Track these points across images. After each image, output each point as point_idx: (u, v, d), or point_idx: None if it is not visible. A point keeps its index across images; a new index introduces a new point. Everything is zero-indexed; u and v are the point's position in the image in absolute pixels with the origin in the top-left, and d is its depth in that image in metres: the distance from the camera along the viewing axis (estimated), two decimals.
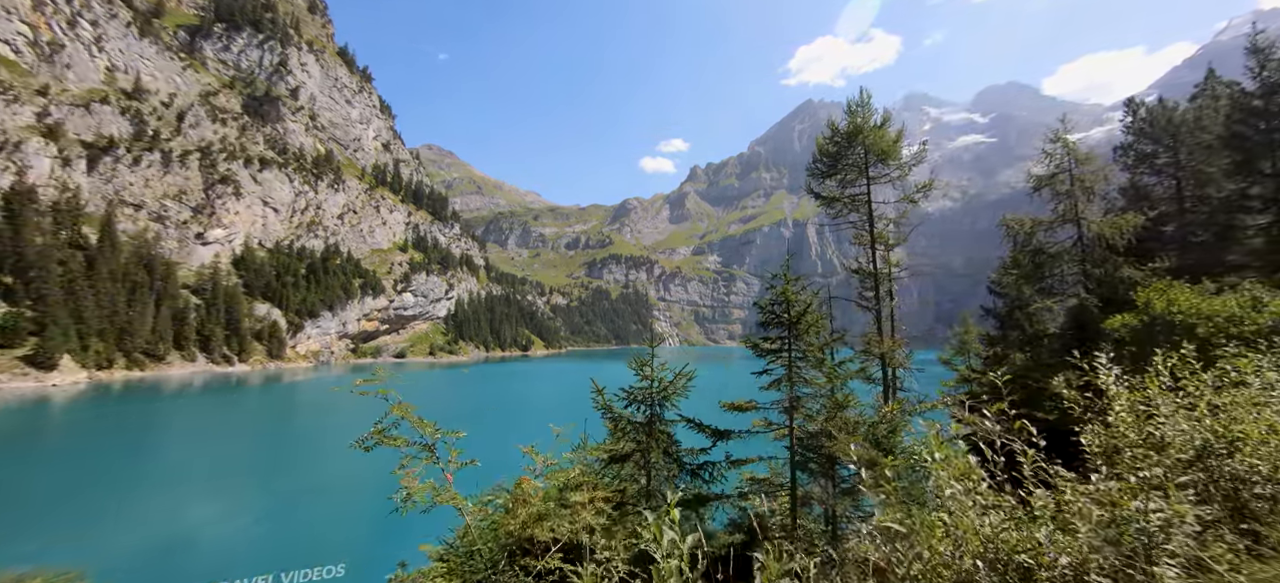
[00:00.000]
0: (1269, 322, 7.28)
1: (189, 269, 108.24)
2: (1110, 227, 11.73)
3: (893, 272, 11.56)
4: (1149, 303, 8.63)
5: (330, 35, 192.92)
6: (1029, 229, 12.55)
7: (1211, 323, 7.73)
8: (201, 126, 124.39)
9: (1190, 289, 8.60)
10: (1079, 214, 11.95)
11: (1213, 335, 7.66)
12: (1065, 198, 12.15)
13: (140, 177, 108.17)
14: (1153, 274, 11.00)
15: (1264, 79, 12.97)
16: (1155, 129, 14.63)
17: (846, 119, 11.49)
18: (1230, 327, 7.61)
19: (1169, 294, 8.46)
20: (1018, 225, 12.65)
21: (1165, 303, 8.32)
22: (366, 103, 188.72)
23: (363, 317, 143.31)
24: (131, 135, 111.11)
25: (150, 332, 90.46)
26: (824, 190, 12.09)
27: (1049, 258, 12.07)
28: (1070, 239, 12.20)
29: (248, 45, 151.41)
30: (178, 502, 25.74)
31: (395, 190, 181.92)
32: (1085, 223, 12.04)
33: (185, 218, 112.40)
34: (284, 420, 57.87)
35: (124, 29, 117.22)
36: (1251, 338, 7.52)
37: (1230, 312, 7.72)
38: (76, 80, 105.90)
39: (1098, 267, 12.06)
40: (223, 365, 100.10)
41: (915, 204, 11.79)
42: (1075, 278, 12.04)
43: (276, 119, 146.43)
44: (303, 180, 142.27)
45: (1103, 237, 11.86)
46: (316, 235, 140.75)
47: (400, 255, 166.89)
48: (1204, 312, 7.84)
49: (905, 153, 11.80)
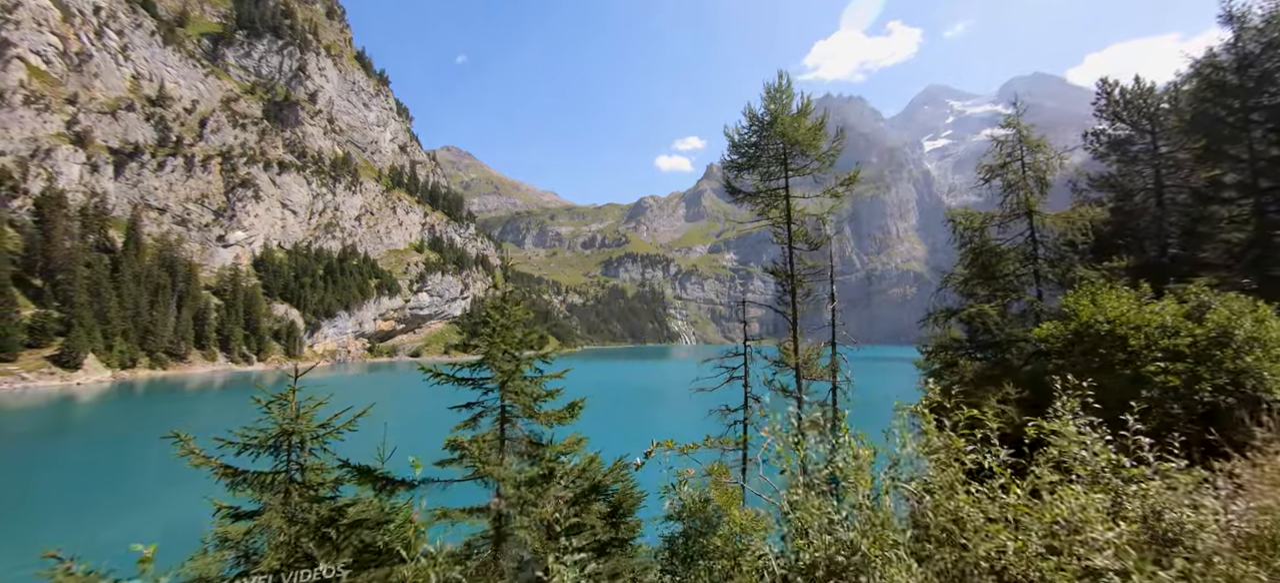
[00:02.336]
0: (1212, 332, 6.34)
1: (210, 271, 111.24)
2: (1063, 221, 10.66)
3: (824, 271, 10.69)
4: (1077, 311, 7.67)
5: (348, 40, 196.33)
6: (979, 224, 11.49)
7: (1142, 334, 6.79)
8: (223, 132, 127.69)
9: (1127, 294, 7.61)
10: (1031, 207, 10.88)
11: (1144, 348, 6.73)
12: (1017, 189, 11.07)
13: (164, 181, 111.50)
14: (1110, 274, 9.94)
15: (1239, 50, 11.57)
16: (1131, 113, 13.28)
17: (764, 105, 10.60)
18: (1162, 338, 6.67)
19: (1098, 300, 7.50)
20: (966, 221, 11.61)
21: (1091, 311, 7.37)
22: (383, 105, 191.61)
23: (379, 317, 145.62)
24: (156, 141, 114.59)
25: (172, 332, 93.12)
26: (742, 185, 11.23)
27: (997, 257, 11.01)
28: (1023, 236, 11.12)
29: (268, 51, 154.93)
30: (197, 491, 26.08)
31: (412, 192, 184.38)
32: (1038, 217, 10.96)
33: (207, 221, 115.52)
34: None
35: (148, 38, 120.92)
36: (1185, 352, 6.58)
37: (1162, 321, 6.77)
38: (104, 89, 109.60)
39: (1054, 266, 10.98)
40: (242, 365, 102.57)
41: (838, 198, 10.90)
42: (1029, 278, 10.96)
43: (295, 123, 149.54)
44: (320, 183, 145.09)
45: (1068, 232, 10.79)
46: (334, 237, 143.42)
47: (416, 256, 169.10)
48: (1133, 321, 6.90)
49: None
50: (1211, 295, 6.97)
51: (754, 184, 11.35)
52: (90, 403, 62.46)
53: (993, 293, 10.92)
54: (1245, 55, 11.18)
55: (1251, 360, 5.96)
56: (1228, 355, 6.17)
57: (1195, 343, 6.45)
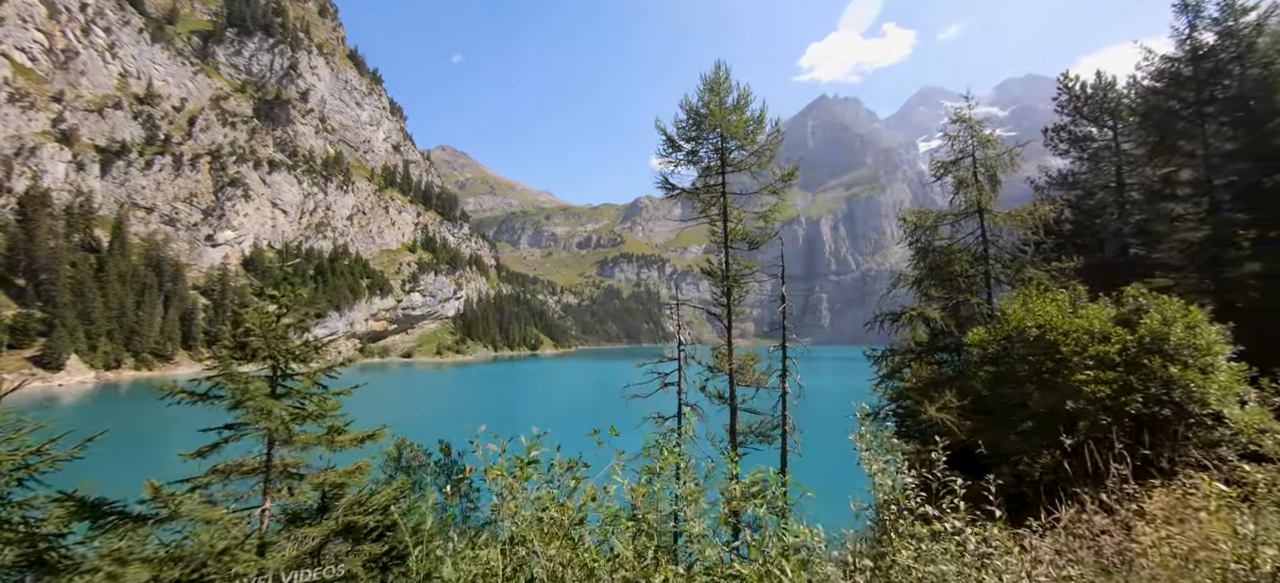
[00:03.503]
0: (1144, 338, 6.06)
1: (199, 271, 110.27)
2: (1012, 220, 10.37)
3: (753, 273, 10.37)
4: (1007, 315, 7.38)
5: (341, 39, 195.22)
6: (932, 224, 11.17)
7: (1072, 340, 6.50)
8: (212, 130, 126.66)
9: (1062, 297, 7.31)
10: (982, 205, 10.57)
11: (1073, 355, 6.44)
12: (968, 186, 10.76)
13: (152, 180, 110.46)
14: (1060, 274, 9.66)
15: (1192, 41, 11.23)
16: (1092, 108, 12.96)
17: (700, 97, 10.23)
18: (1092, 345, 6.38)
19: (1029, 304, 7.21)
20: (918, 219, 11.29)
21: (1020, 316, 7.08)
22: (376, 105, 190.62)
23: (370, 317, 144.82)
24: (144, 139, 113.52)
25: (159, 332, 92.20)
26: (679, 180, 10.89)
27: (947, 257, 10.69)
28: (974, 235, 10.80)
29: (259, 50, 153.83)
30: None
31: (404, 191, 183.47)
32: (990, 215, 10.65)
33: (196, 220, 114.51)
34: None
35: (136, 35, 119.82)
36: (1115, 359, 6.30)
37: (1090, 327, 6.48)
38: (90, 86, 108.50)
39: (1007, 266, 10.68)
40: None
41: (777, 195, 10.58)
42: (980, 279, 10.63)
43: (286, 122, 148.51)
44: (311, 182, 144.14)
45: (1019, 231, 10.50)
46: (325, 236, 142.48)
47: (409, 256, 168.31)
48: (1061, 326, 6.61)
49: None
50: (1149, 299, 6.69)
51: (698, 180, 11.00)
52: (69, 405, 61.68)
53: (949, 294, 10.62)
54: (1200, 46, 10.88)
55: (1176, 371, 5.67)
56: (1156, 364, 5.89)
57: (1125, 350, 6.17)
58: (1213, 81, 10.55)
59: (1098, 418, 6.39)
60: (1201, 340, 5.81)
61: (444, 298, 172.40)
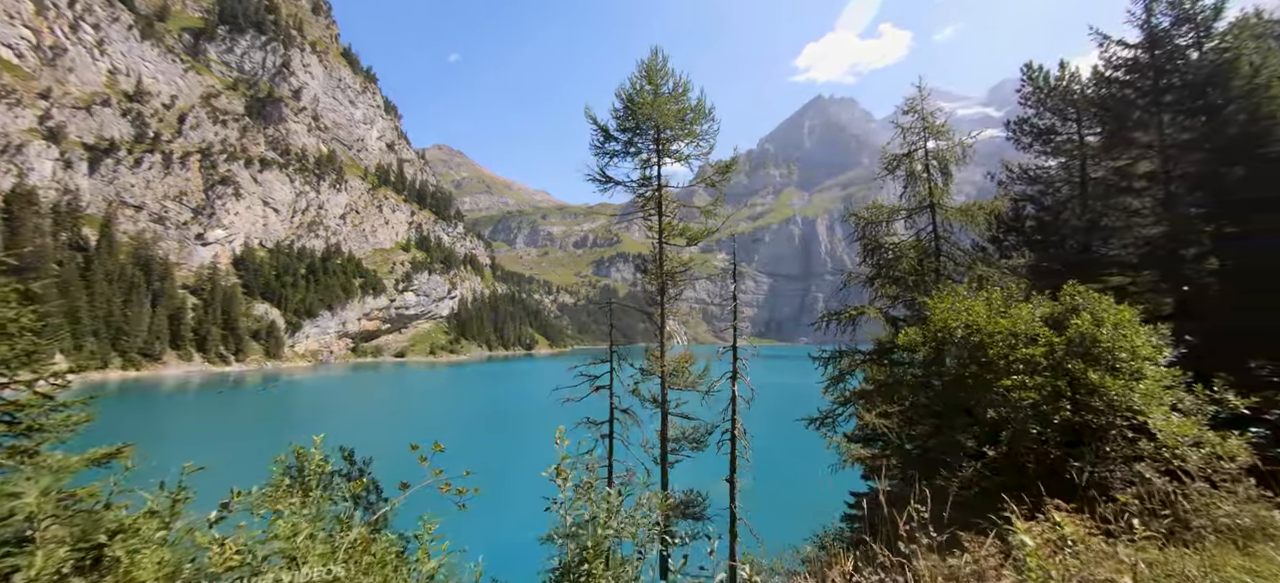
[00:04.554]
0: (1073, 339, 5.68)
1: (188, 270, 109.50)
2: (962, 215, 10.00)
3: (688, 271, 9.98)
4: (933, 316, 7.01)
5: (335, 36, 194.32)
6: (885, 218, 10.76)
7: (999, 342, 6.12)
8: (202, 128, 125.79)
9: (996, 295, 6.93)
10: (934, 199, 10.19)
11: (1000, 359, 6.07)
12: (920, 180, 10.37)
13: (141, 178, 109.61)
14: (1011, 273, 9.31)
15: (1150, 26, 10.75)
16: (1054, 100, 12.51)
17: (633, 84, 9.77)
18: (1019, 347, 6.01)
19: (958, 304, 6.83)
20: (872, 215, 10.88)
21: (944, 316, 6.70)
22: (370, 103, 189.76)
23: (363, 316, 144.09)
24: (133, 137, 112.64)
25: (147, 332, 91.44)
26: (616, 173, 10.47)
27: (897, 254, 10.29)
28: (926, 231, 10.41)
29: (251, 47, 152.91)
30: None
31: (398, 190, 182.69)
32: (942, 211, 10.27)
33: (185, 219, 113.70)
34: (282, 417, 58.18)
35: (126, 32, 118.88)
36: (1042, 363, 5.92)
37: (1014, 328, 6.10)
38: (78, 83, 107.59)
39: (959, 264, 10.30)
40: (219, 365, 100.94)
41: (714, 186, 10.19)
42: (930, 276, 10.23)
43: (278, 120, 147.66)
44: (304, 181, 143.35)
45: (989, 228, 10.15)
46: (317, 235, 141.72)
47: (402, 255, 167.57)
48: (986, 328, 6.24)
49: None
50: (1085, 297, 6.31)
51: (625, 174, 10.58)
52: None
53: (899, 292, 10.25)
54: (1155, 30, 10.45)
55: (1096, 378, 5.29)
56: (1078, 369, 5.51)
57: (1052, 353, 5.79)
58: (1170, 69, 10.16)
59: (1026, 426, 6.01)
60: (1127, 343, 5.43)
61: (438, 297, 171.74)
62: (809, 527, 11.64)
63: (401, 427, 49.74)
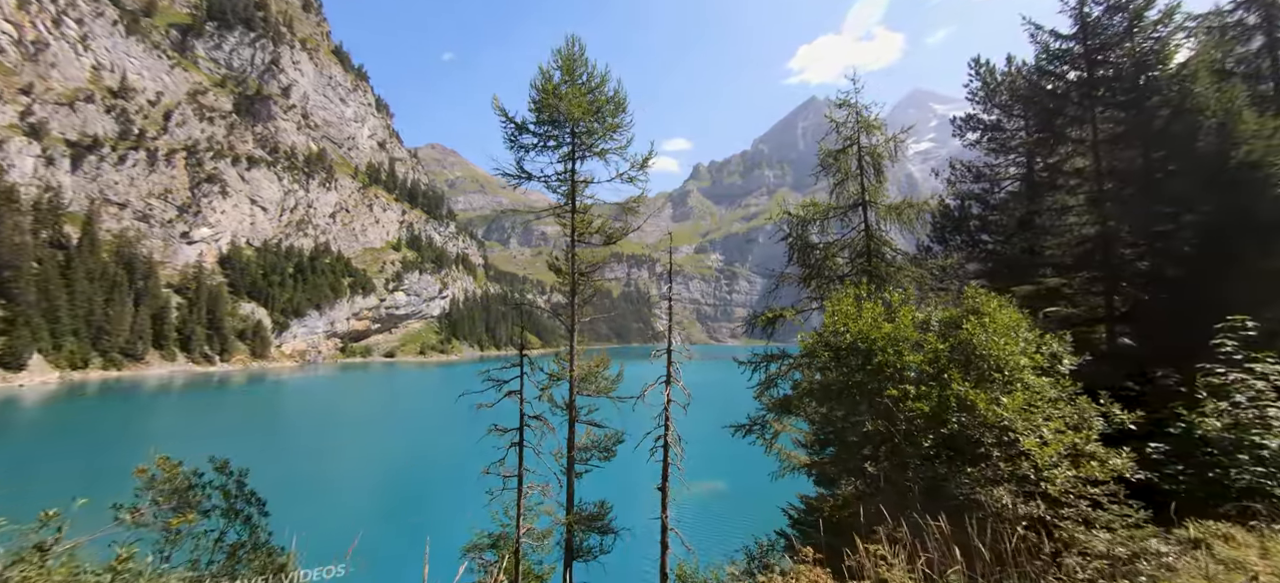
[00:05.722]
0: (956, 346, 5.38)
1: (173, 268, 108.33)
2: (893, 213, 9.70)
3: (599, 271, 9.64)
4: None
5: (326, 34, 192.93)
6: (821, 217, 10.42)
7: (888, 348, 5.80)
8: (189, 125, 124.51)
9: (894, 296, 6.63)
10: (868, 197, 9.87)
11: (885, 365, 5.77)
12: (850, 178, 10.06)
13: (125, 175, 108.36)
14: (941, 275, 9.03)
15: (1084, 17, 10.37)
16: (1001, 95, 12.20)
17: (543, 75, 9.31)
18: (908, 353, 5.70)
19: (845, 308, 6.53)
20: (806, 213, 10.54)
21: (831, 320, 6.41)
22: (361, 101, 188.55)
23: (352, 316, 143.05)
24: (117, 134, 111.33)
25: (129, 331, 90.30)
26: (532, 167, 10.09)
27: (826, 254, 9.97)
28: (859, 230, 10.09)
29: (239, 44, 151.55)
30: None
31: (389, 189, 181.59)
32: (874, 208, 9.96)
33: (170, 217, 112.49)
34: (269, 418, 57.56)
35: (110, 27, 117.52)
36: (928, 372, 5.62)
37: (896, 332, 5.79)
38: (61, 79, 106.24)
39: (892, 264, 9.99)
40: (204, 365, 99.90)
41: (633, 183, 9.85)
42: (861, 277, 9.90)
43: (267, 118, 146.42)
44: (292, 179, 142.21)
45: (929, 227, 9.86)
46: (306, 234, 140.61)
47: (393, 254, 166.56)
48: (869, 334, 5.94)
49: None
50: (985, 299, 6.00)
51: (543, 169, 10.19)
52: (30, 407, 60.08)
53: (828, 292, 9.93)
54: (1088, 19, 10.12)
55: (962, 389, 4.98)
56: (955, 378, 5.20)
57: (936, 360, 5.48)
58: (1101, 61, 9.87)
59: (916, 440, 5.69)
60: (999, 351, 5.12)
61: (429, 297, 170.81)
62: (744, 535, 11.33)
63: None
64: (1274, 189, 7.74)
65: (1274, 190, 7.75)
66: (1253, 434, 5.34)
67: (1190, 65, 8.46)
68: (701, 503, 24.75)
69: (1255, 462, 5.26)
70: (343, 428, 51.90)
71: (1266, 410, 5.49)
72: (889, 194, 11.23)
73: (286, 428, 52.04)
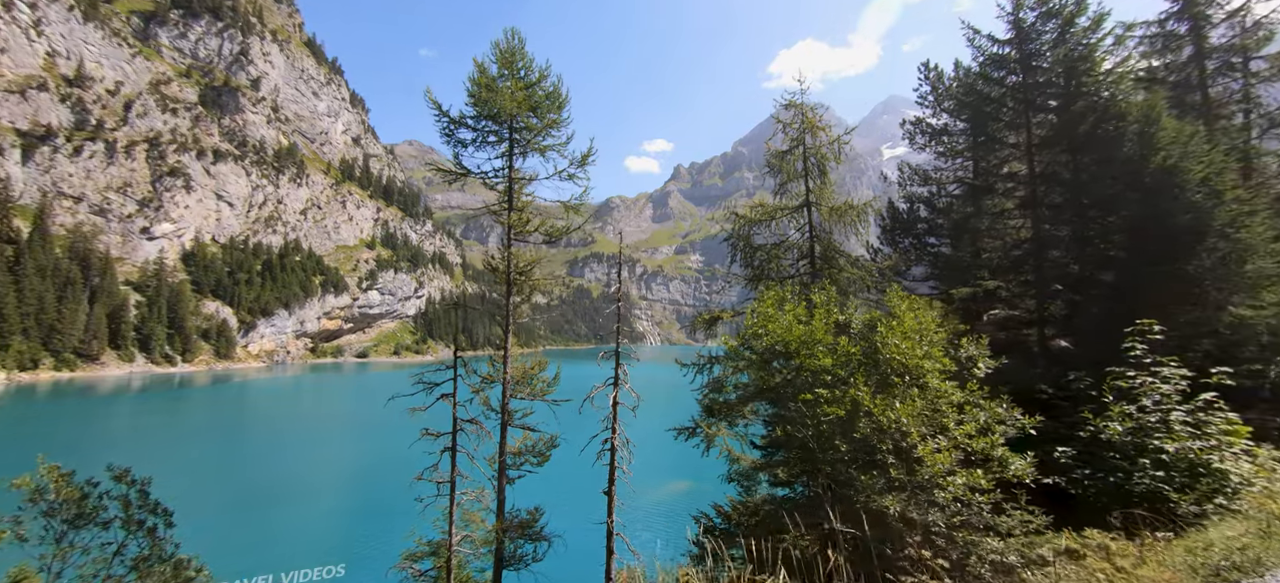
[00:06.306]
0: (866, 349, 5.31)
1: (132, 265, 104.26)
2: (835, 215, 9.68)
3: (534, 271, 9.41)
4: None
5: (298, 26, 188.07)
6: (768, 217, 10.35)
7: (805, 351, 5.72)
8: (150, 116, 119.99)
9: (817, 297, 6.59)
10: (812, 198, 9.83)
11: (804, 364, 5.68)
12: (795, 179, 10.00)
13: (81, 167, 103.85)
14: (881, 276, 9.04)
15: (1019, 23, 10.53)
16: (949, 99, 12.29)
17: (478, 70, 8.98)
18: (823, 357, 5.61)
19: (763, 309, 6.45)
20: (753, 214, 10.47)
21: (752, 321, 6.34)
22: (335, 95, 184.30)
23: (324, 315, 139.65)
24: (72, 124, 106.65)
25: (83, 330, 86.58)
26: (471, 163, 9.80)
27: (768, 256, 9.90)
28: (804, 231, 10.06)
29: (206, 33, 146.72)
30: None
31: (364, 186, 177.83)
32: (817, 209, 9.94)
33: (130, 211, 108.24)
34: (223, 420, 55.38)
35: (66, 13, 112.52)
36: (840, 374, 5.54)
37: (814, 335, 5.72)
38: (12, 66, 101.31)
39: (833, 265, 9.97)
40: (164, 366, 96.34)
41: (573, 180, 9.66)
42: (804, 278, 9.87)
43: (235, 110, 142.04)
44: (261, 174, 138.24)
45: (893, 229, 9.84)
46: (275, 231, 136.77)
47: (367, 252, 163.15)
48: (782, 336, 5.85)
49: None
50: (898, 301, 5.93)
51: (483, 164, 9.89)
52: None
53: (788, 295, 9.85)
54: (1023, 24, 10.28)
55: (859, 395, 4.88)
56: (859, 380, 5.11)
57: (848, 363, 5.39)
58: (1036, 66, 10.02)
59: (831, 447, 5.57)
60: (908, 353, 5.04)
61: (404, 296, 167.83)
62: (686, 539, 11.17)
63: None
64: (1189, 194, 7.92)
65: (1189, 196, 7.93)
66: (1154, 438, 5.37)
67: (1115, 72, 8.60)
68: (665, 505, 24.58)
69: (1156, 466, 5.28)
70: (299, 430, 50.38)
71: (1170, 414, 5.53)
72: (865, 196, 11.22)
73: (240, 431, 50.27)
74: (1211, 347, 8.24)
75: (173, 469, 32.69)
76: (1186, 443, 5.25)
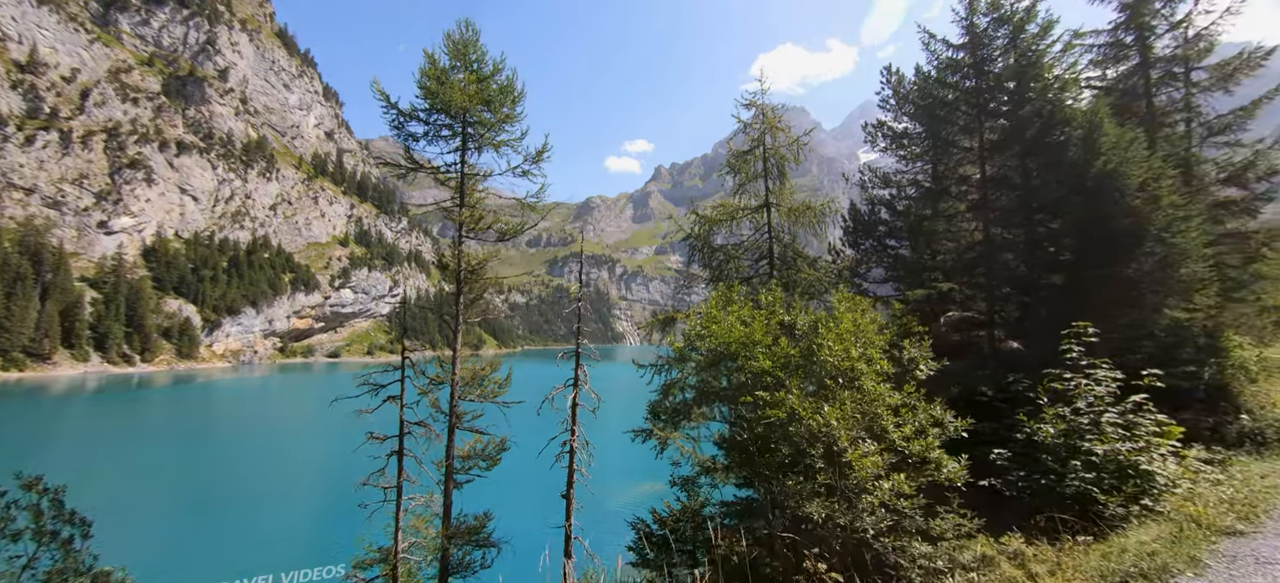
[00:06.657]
0: (805, 351, 5.27)
1: (88, 261, 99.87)
2: (793, 216, 9.70)
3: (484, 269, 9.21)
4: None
5: (269, 16, 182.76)
6: (728, 218, 10.32)
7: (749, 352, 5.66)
8: (109, 105, 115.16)
9: (767, 299, 6.56)
10: (771, 199, 9.83)
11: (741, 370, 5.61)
12: (758, 178, 9.99)
13: (33, 157, 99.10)
14: (837, 278, 9.07)
15: (972, 28, 10.76)
16: (911, 104, 12.45)
17: (430, 62, 8.69)
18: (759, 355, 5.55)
19: (709, 310, 6.41)
20: (716, 214, 10.43)
21: (695, 324, 6.29)
22: (308, 88, 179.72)
23: (294, 314, 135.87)
24: (24, 112, 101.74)
25: (34, 329, 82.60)
26: (423, 159, 9.55)
27: (727, 256, 9.88)
28: (761, 233, 10.05)
29: (170, 21, 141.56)
30: None
31: (337, 181, 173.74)
32: (776, 210, 9.95)
33: (86, 205, 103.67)
34: (177, 423, 53.08)
35: None
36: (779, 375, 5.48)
37: (754, 336, 5.68)
38: None
39: (790, 266, 9.98)
40: (122, 366, 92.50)
41: (528, 177, 9.49)
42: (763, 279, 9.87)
43: (201, 101, 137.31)
44: (228, 167, 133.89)
45: (854, 230, 9.85)
46: (243, 227, 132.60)
47: (340, 250, 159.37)
48: (723, 337, 5.80)
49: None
50: (838, 300, 5.88)
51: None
52: None
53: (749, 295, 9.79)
54: (976, 30, 10.47)
55: (789, 397, 4.80)
56: (793, 382, 5.03)
57: (787, 364, 5.31)
58: (988, 71, 10.20)
59: (770, 450, 5.48)
60: (842, 355, 4.99)
61: (378, 295, 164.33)
62: None
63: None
64: (1128, 198, 8.12)
65: (1128, 200, 8.12)
66: (1086, 440, 5.43)
67: (1062, 78, 8.77)
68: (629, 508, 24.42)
69: (1086, 468, 5.34)
70: (258, 431, 48.75)
71: (1102, 416, 5.60)
72: (841, 200, 11.21)
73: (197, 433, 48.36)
74: (1152, 348, 8.47)
75: (116, 473, 31.26)
76: (1115, 445, 5.31)
